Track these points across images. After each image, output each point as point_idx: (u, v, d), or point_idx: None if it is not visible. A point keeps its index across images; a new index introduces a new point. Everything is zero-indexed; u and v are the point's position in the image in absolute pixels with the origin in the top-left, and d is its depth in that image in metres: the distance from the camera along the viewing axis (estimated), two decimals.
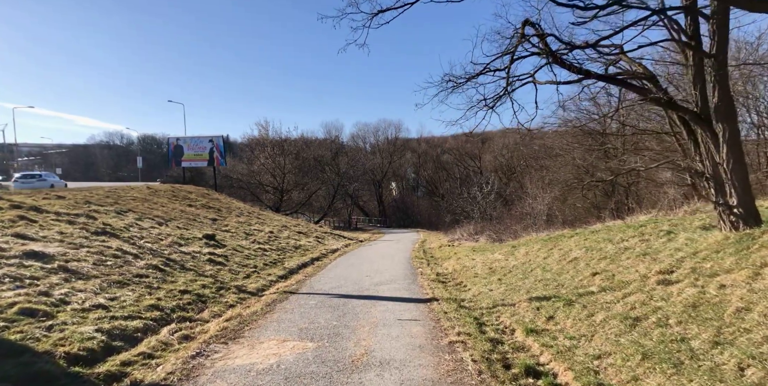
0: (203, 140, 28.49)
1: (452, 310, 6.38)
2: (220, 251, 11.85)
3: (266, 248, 14.51)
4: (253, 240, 15.37)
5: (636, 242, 7.26)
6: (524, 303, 6.17)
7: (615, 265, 6.38)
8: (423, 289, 8.46)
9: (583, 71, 6.25)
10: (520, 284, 7.47)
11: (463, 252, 14.43)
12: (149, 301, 6.09)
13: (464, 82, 6.53)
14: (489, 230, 18.18)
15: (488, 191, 27.59)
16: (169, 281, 7.60)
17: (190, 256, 10.09)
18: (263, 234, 17.34)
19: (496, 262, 10.40)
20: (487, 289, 7.79)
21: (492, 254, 11.79)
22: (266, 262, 12.33)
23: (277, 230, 19.66)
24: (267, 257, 13.01)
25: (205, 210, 18.76)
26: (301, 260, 13.76)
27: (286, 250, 15.52)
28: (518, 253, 10.68)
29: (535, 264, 8.67)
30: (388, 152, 58.41)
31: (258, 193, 39.36)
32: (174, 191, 20.73)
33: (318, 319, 6.06)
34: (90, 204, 11.96)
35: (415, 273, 10.83)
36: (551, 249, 9.48)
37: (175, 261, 9.11)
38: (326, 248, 18.24)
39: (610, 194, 15.19)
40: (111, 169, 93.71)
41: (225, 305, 7.19)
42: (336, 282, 9.53)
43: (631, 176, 12.55)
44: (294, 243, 17.55)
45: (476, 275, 9.51)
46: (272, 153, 39.95)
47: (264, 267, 11.54)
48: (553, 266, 7.89)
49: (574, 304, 5.33)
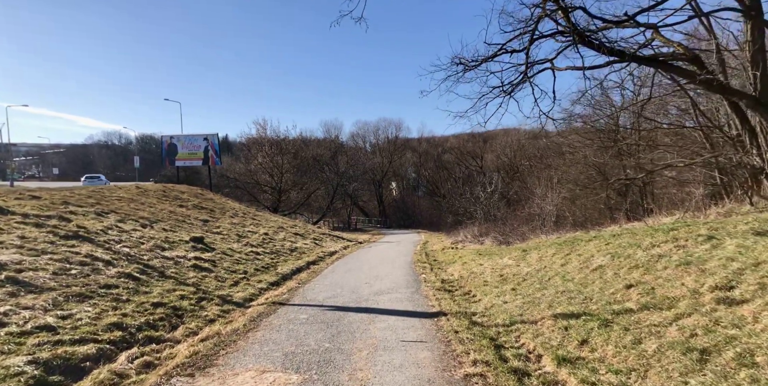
0: (198, 138, 27.62)
1: (463, 328, 5.51)
2: (208, 255, 10.99)
3: (259, 252, 13.65)
4: (245, 243, 14.51)
5: (670, 248, 6.39)
6: (548, 320, 5.30)
7: (651, 276, 5.51)
8: (428, 300, 7.60)
9: (615, 52, 5.38)
10: (538, 295, 6.60)
11: (469, 256, 13.56)
12: (111, 318, 5.23)
13: (477, 65, 5.68)
14: (494, 232, 17.30)
15: (492, 191, 26.72)
16: (142, 292, 6.73)
17: (172, 261, 9.22)
18: (257, 236, 16.48)
19: (507, 268, 9.52)
20: (501, 301, 6.92)
21: (501, 259, 10.92)
22: (258, 267, 11.47)
23: (273, 232, 18.81)
24: (259, 262, 12.15)
25: (197, 211, 17.89)
26: (296, 264, 12.89)
27: (281, 253, 14.66)
28: (530, 258, 9.81)
29: (552, 272, 7.80)
30: (389, 151, 57.54)
31: (255, 193, 38.49)
32: (165, 191, 19.87)
33: (307, 340, 5.19)
34: (68, 205, 11.10)
35: (418, 280, 9.96)
36: (568, 254, 8.61)
37: (154, 268, 8.25)
38: (324, 251, 17.38)
39: (623, 194, 14.33)
40: (109, 169, 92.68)
41: (204, 320, 6.33)
42: (331, 291, 8.66)
43: (651, 175, 11.63)
44: (290, 246, 16.69)
45: (486, 284, 8.63)
46: (270, 152, 39.09)
47: (255, 273, 10.68)
48: (574, 275, 7.03)
49: (612, 325, 4.47)
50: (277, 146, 39.30)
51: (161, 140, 27.81)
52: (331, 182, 42.54)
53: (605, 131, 14.70)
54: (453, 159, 54.49)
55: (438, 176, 55.21)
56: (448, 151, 56.27)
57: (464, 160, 52.60)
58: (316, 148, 47.03)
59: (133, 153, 74.28)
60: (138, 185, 19.86)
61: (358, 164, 47.12)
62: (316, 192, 42.99)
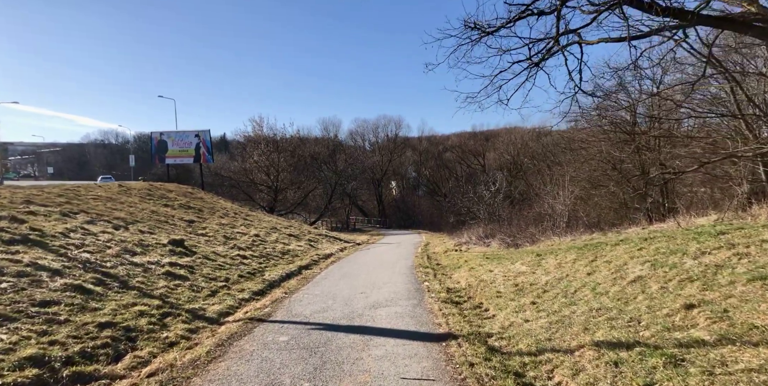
0: (189, 134, 26.46)
1: (480, 359, 4.39)
2: (186, 260, 9.87)
3: (247, 255, 12.53)
4: (233, 245, 13.39)
5: (728, 256, 5.27)
6: (588, 349, 4.18)
7: (717, 294, 4.39)
8: (433, 315, 6.47)
9: (673, 11, 4.24)
10: (566, 313, 5.47)
11: (475, 260, 12.43)
12: (30, 349, 4.09)
13: (496, 30, 4.54)
14: (501, 233, 16.19)
15: (496, 190, 25.60)
16: (91, 308, 5.60)
17: (141, 268, 8.09)
18: (247, 238, 15.36)
19: (522, 276, 8.40)
20: (521, 318, 5.80)
21: (512, 265, 9.80)
22: (243, 273, 10.35)
23: (265, 233, 17.68)
24: (245, 267, 11.03)
25: (183, 211, 16.77)
26: (287, 269, 11.78)
27: (271, 257, 13.53)
28: (547, 264, 8.69)
29: (577, 282, 6.67)
30: (388, 149, 56.38)
31: (251, 192, 37.36)
32: (150, 190, 18.73)
33: (282, 377, 4.06)
34: (30, 204, 9.97)
35: (421, 289, 8.84)
36: (593, 261, 7.49)
37: (115, 277, 7.12)
38: (319, 254, 16.26)
39: (642, 192, 13.20)
40: (105, 168, 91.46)
41: (162, 343, 5.20)
42: (322, 303, 7.54)
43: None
44: (282, 248, 15.56)
45: (499, 295, 7.51)
46: (266, 150, 37.95)
47: (238, 280, 9.56)
48: (607, 288, 5.90)
49: (685, 365, 3.34)
50: (274, 143, 38.17)
51: (150, 136, 26.64)
52: (329, 180, 41.41)
53: (622, 123, 13.57)
54: (454, 158, 53.40)
55: (439, 175, 54.11)
56: (450, 149, 55.16)
57: (466, 158, 51.50)
58: (313, 146, 45.87)
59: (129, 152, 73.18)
60: (121, 184, 18.73)
61: (356, 162, 45.99)
62: (314, 191, 41.87)
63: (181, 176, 31.75)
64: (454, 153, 53.38)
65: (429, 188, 55.73)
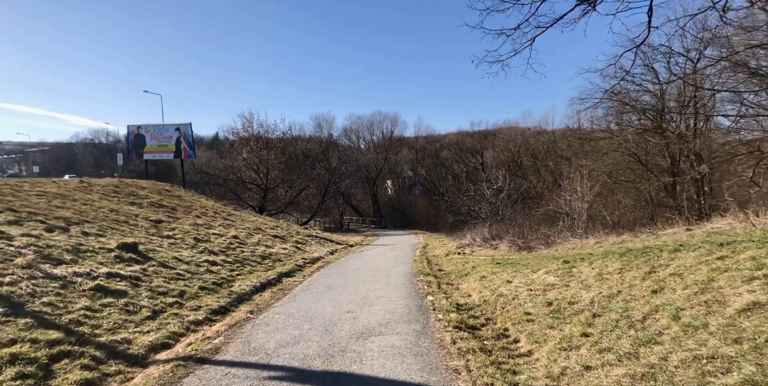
0: (169, 128, 24.47)
1: None
2: (134, 269, 7.97)
3: (217, 261, 10.65)
4: (203, 249, 11.49)
5: None
6: None
7: None
8: (445, 352, 4.63)
9: None
10: (652, 359, 3.63)
11: (484, 266, 10.61)
12: None
13: None
14: (510, 235, 14.39)
15: (499, 188, 23.83)
16: None
17: (59, 283, 6.20)
18: (223, 240, 13.47)
19: (553, 290, 6.58)
20: (575, 363, 3.96)
21: (534, 274, 7.98)
22: (207, 283, 8.48)
23: (246, 235, 15.80)
24: (212, 276, 9.16)
25: (152, 210, 14.85)
26: (263, 277, 9.93)
27: (248, 262, 11.66)
28: (582, 274, 6.88)
29: (641, 303, 4.84)
30: (384, 147, 54.49)
31: (239, 191, 35.38)
32: (118, 187, 16.79)
33: None
34: None
35: (424, 306, 7.00)
36: (651, 273, 5.67)
37: (6, 298, 5.22)
38: (305, 258, 14.40)
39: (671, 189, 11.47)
40: (93, 167, 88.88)
41: None
42: (294, 328, 5.68)
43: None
44: (263, 251, 13.68)
45: (530, 318, 5.67)
46: (256, 147, 36.00)
47: (197, 294, 7.69)
48: (701, 318, 4.06)
49: None
50: (265, 141, 36.21)
51: (127, 130, 24.62)
52: (322, 179, 39.50)
53: (646, 109, 11.85)
54: (452, 156, 51.67)
55: (436, 174, 52.37)
56: (447, 147, 53.40)
57: (464, 156, 49.79)
58: (305, 143, 43.92)
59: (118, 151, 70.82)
60: (83, 179, 16.75)
61: (350, 160, 44.09)
62: (306, 190, 39.94)
63: (163, 173, 29.72)
64: (452, 151, 51.62)
65: (426, 187, 53.93)
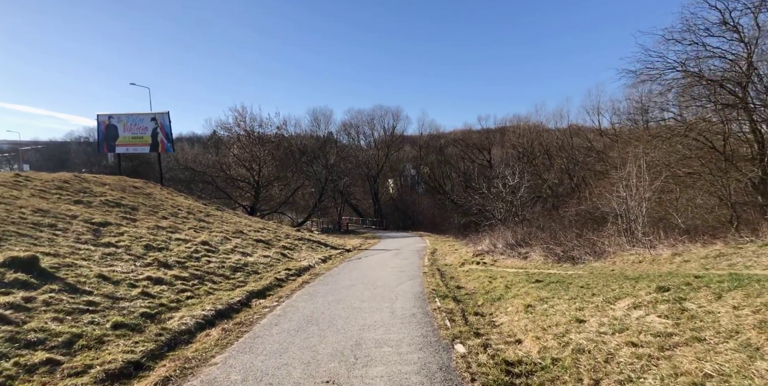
0: (144, 118, 21.77)
1: None
2: (11, 299, 5.28)
3: (165, 278, 7.94)
4: (151, 260, 8.79)
5: None
6: None
7: None
8: None
9: None
10: None
11: (521, 285, 7.87)
12: None
13: None
14: (541, 241, 11.65)
15: (516, 185, 21.08)
16: None
17: None
18: (186, 247, 10.78)
19: (673, 346, 3.84)
20: None
21: (612, 306, 5.25)
22: (129, 317, 5.78)
23: (221, 239, 13.11)
24: (145, 302, 6.47)
25: (102, 210, 12.15)
26: (223, 301, 7.25)
27: (209, 278, 8.97)
28: (711, 313, 4.16)
29: None
30: (385, 143, 51.63)
31: (228, 190, 32.67)
32: (68, 182, 14.10)
33: None
34: None
35: (451, 364, 4.27)
36: None
37: None
38: (290, 268, 11.71)
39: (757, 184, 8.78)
40: (86, 165, 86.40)
41: None
42: None
43: None
44: (236, 261, 10.99)
45: None
46: (247, 142, 33.31)
47: (102, 338, 5.00)
48: None
49: None
50: (257, 135, 33.49)
51: (97, 119, 21.88)
52: (319, 176, 36.76)
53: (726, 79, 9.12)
54: (457, 152, 48.83)
55: (440, 172, 49.55)
56: (452, 143, 50.52)
57: (470, 153, 46.98)
58: (301, 138, 41.18)
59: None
60: (19, 173, 14.03)
61: (349, 156, 41.33)
62: (303, 189, 37.22)
63: (140, 168, 26.95)
64: (458, 147, 48.73)
65: (429, 186, 51.07)
